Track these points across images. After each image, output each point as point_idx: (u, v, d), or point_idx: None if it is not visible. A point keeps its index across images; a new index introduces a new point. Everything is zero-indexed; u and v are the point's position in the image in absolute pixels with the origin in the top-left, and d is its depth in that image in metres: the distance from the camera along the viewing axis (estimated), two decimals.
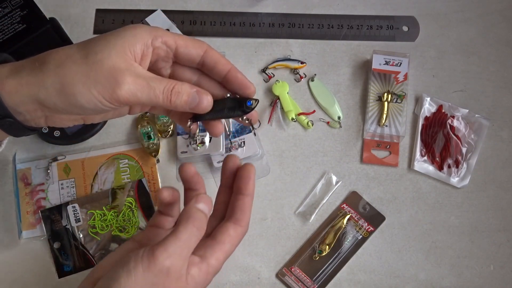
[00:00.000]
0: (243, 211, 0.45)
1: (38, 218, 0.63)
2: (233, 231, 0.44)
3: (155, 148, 0.65)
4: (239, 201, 0.45)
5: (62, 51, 0.42)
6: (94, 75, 0.40)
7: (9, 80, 0.41)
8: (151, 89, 0.41)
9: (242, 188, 0.45)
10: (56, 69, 0.41)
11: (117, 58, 0.41)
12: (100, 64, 0.40)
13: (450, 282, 0.62)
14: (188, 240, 0.40)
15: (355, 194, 0.65)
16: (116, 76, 0.40)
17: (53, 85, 0.41)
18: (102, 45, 0.41)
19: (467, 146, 0.66)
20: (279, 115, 0.67)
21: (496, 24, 0.72)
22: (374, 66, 0.67)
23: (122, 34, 0.41)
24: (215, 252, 0.43)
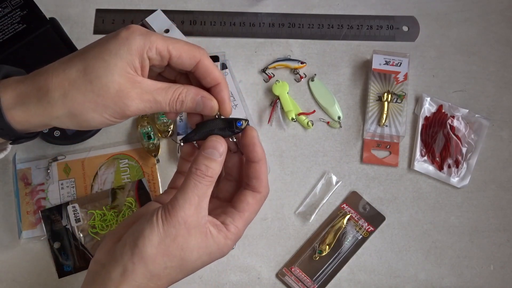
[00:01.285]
0: (258, 178, 0.45)
1: (38, 218, 0.63)
2: (251, 198, 0.45)
3: (155, 148, 0.65)
4: (251, 169, 0.45)
5: (62, 75, 0.42)
6: (102, 101, 0.42)
7: (18, 112, 0.43)
8: (157, 103, 0.43)
9: (251, 156, 0.45)
10: (64, 100, 0.42)
11: (121, 80, 0.42)
12: (106, 90, 0.41)
13: (450, 282, 0.62)
14: (194, 188, 0.41)
15: (355, 194, 0.65)
16: (123, 99, 0.42)
17: (64, 115, 0.42)
18: (103, 68, 0.41)
19: (467, 146, 0.66)
20: (279, 115, 0.67)
21: (496, 24, 0.72)
22: (374, 66, 0.67)
23: (119, 52, 0.42)
24: (235, 220, 0.44)
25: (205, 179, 0.41)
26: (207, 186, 0.41)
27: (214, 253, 0.42)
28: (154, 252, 0.39)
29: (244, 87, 0.69)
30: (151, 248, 0.39)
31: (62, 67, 0.42)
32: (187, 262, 0.41)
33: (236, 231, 0.43)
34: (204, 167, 0.42)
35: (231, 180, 0.48)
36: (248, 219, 0.45)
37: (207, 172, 0.41)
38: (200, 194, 0.41)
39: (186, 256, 0.41)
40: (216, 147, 0.42)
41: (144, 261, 0.39)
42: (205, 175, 0.41)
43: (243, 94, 0.68)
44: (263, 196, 0.45)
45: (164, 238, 0.40)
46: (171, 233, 0.40)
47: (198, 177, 0.41)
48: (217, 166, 0.42)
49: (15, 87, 0.43)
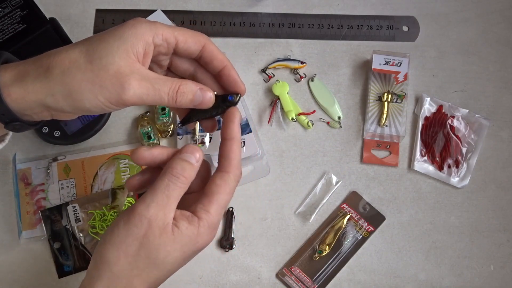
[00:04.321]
0: (226, 157, 0.43)
1: (38, 218, 0.63)
2: (219, 179, 0.43)
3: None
4: (222, 148, 0.44)
5: (65, 55, 0.42)
6: (100, 82, 0.41)
7: (15, 88, 0.42)
8: (156, 91, 0.42)
9: (224, 132, 0.44)
10: (62, 77, 0.41)
11: (121, 62, 0.41)
12: (105, 70, 0.41)
13: (450, 282, 0.62)
14: (166, 188, 0.40)
15: (355, 194, 0.65)
16: (121, 81, 0.41)
17: (60, 92, 0.41)
18: (106, 49, 0.41)
19: (467, 146, 0.66)
20: (279, 115, 0.67)
21: (496, 24, 0.72)
22: (374, 66, 0.67)
23: (124, 36, 0.42)
24: (205, 205, 0.42)
25: (179, 179, 0.41)
26: (179, 188, 0.41)
27: (188, 246, 0.41)
28: (115, 254, 0.39)
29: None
30: (112, 251, 0.39)
31: (65, 49, 0.42)
32: (157, 261, 0.40)
33: (207, 217, 0.41)
34: (179, 168, 0.41)
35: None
36: (219, 202, 0.42)
37: (182, 173, 0.41)
38: (170, 195, 0.40)
39: (152, 255, 0.40)
40: (193, 152, 0.42)
41: (107, 265, 0.39)
42: (179, 175, 0.41)
43: None
44: (232, 177, 0.43)
45: (125, 238, 0.39)
46: (133, 232, 0.39)
47: (173, 177, 0.41)
48: (192, 171, 0.42)
49: (15, 67, 0.43)
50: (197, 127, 0.64)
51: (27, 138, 0.66)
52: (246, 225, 0.64)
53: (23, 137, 0.66)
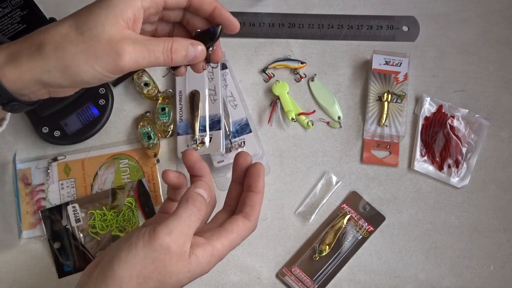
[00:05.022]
0: (252, 207, 0.47)
1: (38, 218, 0.63)
2: (241, 222, 0.46)
3: (155, 148, 0.65)
4: (249, 198, 0.47)
5: (54, 30, 0.42)
6: (94, 52, 0.41)
7: (9, 68, 0.41)
8: (151, 52, 0.42)
9: (252, 185, 0.47)
10: (56, 52, 0.41)
11: (111, 30, 0.41)
12: (97, 40, 0.41)
13: (450, 282, 0.62)
14: (188, 218, 0.42)
15: (355, 194, 0.65)
16: (115, 48, 0.41)
17: (55, 68, 0.41)
18: (95, 19, 0.41)
19: (467, 146, 0.66)
20: (279, 115, 0.67)
21: (496, 24, 0.72)
22: (374, 66, 0.67)
23: (111, 4, 0.41)
24: (222, 237, 0.44)
25: (200, 213, 0.43)
26: (199, 220, 0.43)
27: (196, 272, 0.43)
28: (129, 273, 0.39)
29: (244, 87, 0.69)
30: (126, 269, 0.39)
31: (54, 25, 0.42)
32: (166, 285, 0.41)
33: (221, 249, 0.44)
34: (199, 202, 0.43)
35: (228, 210, 0.50)
36: (234, 241, 0.45)
37: (201, 207, 0.43)
38: (191, 226, 0.42)
39: (164, 279, 0.41)
40: (206, 189, 0.45)
41: (118, 282, 0.39)
42: (200, 209, 0.43)
43: (243, 94, 0.68)
44: (251, 225, 0.47)
45: (143, 260, 0.40)
46: (151, 256, 0.40)
47: (194, 208, 0.42)
48: (205, 206, 0.44)
49: (7, 48, 0.43)
50: (197, 127, 0.64)
51: (27, 138, 0.66)
52: None
53: (23, 137, 0.66)
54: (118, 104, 0.67)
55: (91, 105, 0.65)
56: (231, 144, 0.65)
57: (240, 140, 0.65)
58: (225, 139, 0.64)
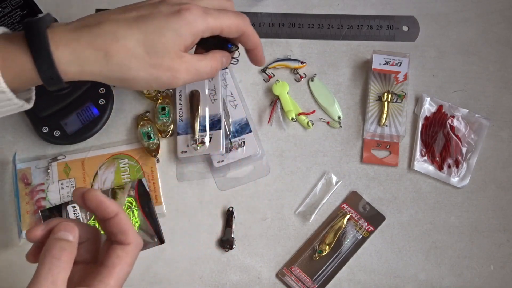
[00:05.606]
0: (121, 232, 0.42)
1: (38, 218, 0.63)
2: (120, 251, 0.42)
3: (155, 148, 0.65)
4: (111, 225, 0.42)
5: (122, 42, 0.45)
6: (156, 74, 0.47)
7: (72, 68, 0.45)
8: (200, 75, 0.50)
9: (103, 215, 0.43)
10: (121, 67, 0.46)
11: (175, 59, 0.47)
12: (161, 65, 0.47)
13: (450, 282, 0.62)
14: (48, 274, 0.38)
15: (355, 194, 0.65)
16: (174, 74, 0.47)
17: (116, 78, 0.47)
18: (162, 44, 0.46)
19: (467, 146, 0.66)
20: (279, 115, 0.67)
21: (496, 24, 0.72)
22: (374, 66, 0.67)
23: (180, 31, 0.46)
24: (105, 278, 0.40)
25: (61, 260, 0.38)
26: (63, 269, 0.38)
27: None
28: None
29: (244, 87, 0.69)
30: None
31: (121, 32, 0.45)
32: None
33: None
34: (58, 249, 0.39)
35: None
36: (120, 274, 0.41)
37: (62, 253, 0.39)
38: (56, 280, 0.37)
39: None
40: (68, 229, 0.40)
41: None
42: (60, 256, 0.38)
43: (243, 94, 0.68)
44: (133, 247, 0.42)
45: None
46: None
47: (53, 259, 0.38)
48: (72, 248, 0.40)
49: (67, 44, 0.44)
50: (197, 127, 0.64)
51: (27, 138, 0.66)
52: (246, 225, 0.64)
53: (23, 136, 0.66)
54: (118, 104, 0.67)
55: (91, 105, 0.65)
56: (231, 144, 0.65)
57: (240, 140, 0.65)
58: (225, 139, 0.64)
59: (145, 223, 0.63)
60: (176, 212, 0.64)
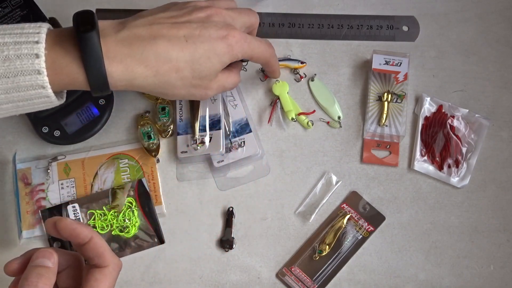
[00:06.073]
0: (97, 256, 0.42)
1: (38, 218, 0.63)
2: (99, 274, 0.42)
3: (155, 148, 0.65)
4: (87, 249, 0.42)
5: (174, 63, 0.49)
6: (193, 91, 0.52)
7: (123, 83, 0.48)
8: (225, 89, 0.56)
9: (79, 241, 0.42)
10: (168, 84, 0.50)
11: (213, 80, 0.53)
12: (200, 84, 0.52)
13: (450, 282, 0.62)
14: None
15: (355, 194, 0.65)
16: (207, 90, 0.53)
17: (159, 92, 0.51)
18: (207, 69, 0.51)
19: (467, 146, 0.66)
20: (279, 115, 0.67)
21: (496, 24, 0.72)
22: (374, 66, 0.67)
23: (223, 58, 0.51)
24: None
25: (38, 287, 0.38)
26: None
27: None
28: None
29: (244, 87, 0.69)
30: None
31: (174, 54, 0.49)
32: None
33: None
34: (35, 276, 0.39)
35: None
36: None
37: (39, 279, 0.39)
38: None
39: None
40: (46, 255, 0.40)
41: None
42: (37, 283, 0.38)
43: (243, 94, 0.68)
44: (111, 268, 0.42)
45: None
46: None
47: (30, 286, 0.38)
48: (51, 273, 0.40)
49: (121, 59, 0.47)
50: (197, 127, 0.64)
51: (27, 138, 0.66)
52: (246, 225, 0.64)
53: (23, 137, 0.66)
54: (118, 104, 0.67)
55: (91, 105, 0.65)
56: (231, 144, 0.65)
57: (240, 140, 0.65)
58: (225, 139, 0.64)
59: (145, 223, 0.63)
60: (176, 212, 0.64)
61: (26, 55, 0.43)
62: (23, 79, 0.43)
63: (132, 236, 0.63)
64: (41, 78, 0.44)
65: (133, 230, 0.63)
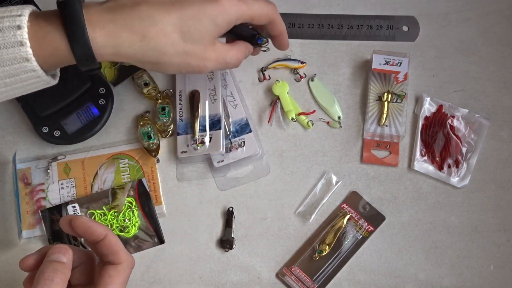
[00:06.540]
0: (112, 253, 0.43)
1: (38, 218, 0.63)
2: (112, 271, 0.43)
3: (155, 148, 0.65)
4: (101, 246, 0.44)
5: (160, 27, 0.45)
6: (188, 61, 0.48)
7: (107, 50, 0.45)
8: (226, 65, 0.52)
9: (94, 238, 0.44)
10: (157, 52, 0.46)
11: (207, 45, 0.48)
12: (194, 51, 0.48)
13: (450, 282, 0.62)
14: None
15: (355, 194, 0.65)
16: (205, 61, 0.49)
17: (149, 62, 0.48)
18: (198, 31, 0.47)
19: (467, 146, 0.66)
20: (279, 115, 0.67)
21: (496, 24, 0.72)
22: (374, 66, 0.67)
23: (217, 20, 0.47)
24: None
25: (54, 282, 0.40)
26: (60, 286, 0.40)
27: None
28: None
29: (244, 87, 0.69)
30: None
31: (158, 17, 0.45)
32: None
33: None
34: (51, 271, 0.40)
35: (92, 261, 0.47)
36: None
37: (55, 274, 0.40)
38: None
39: None
40: (61, 251, 0.42)
41: None
42: (53, 277, 0.40)
43: (243, 94, 0.68)
44: (125, 266, 0.44)
45: None
46: None
47: (46, 281, 0.39)
48: (66, 269, 0.41)
49: (104, 24, 0.44)
50: (197, 127, 0.64)
51: (27, 138, 0.66)
52: (246, 225, 0.64)
53: (23, 137, 0.66)
54: (118, 104, 0.67)
55: (91, 105, 0.65)
56: (231, 144, 0.65)
57: (240, 140, 0.65)
58: (225, 139, 0.64)
59: (145, 223, 0.63)
60: (176, 212, 0.64)
61: (8, 27, 0.42)
62: (6, 52, 0.42)
63: (132, 236, 0.63)
64: (24, 50, 0.42)
65: (133, 230, 0.63)
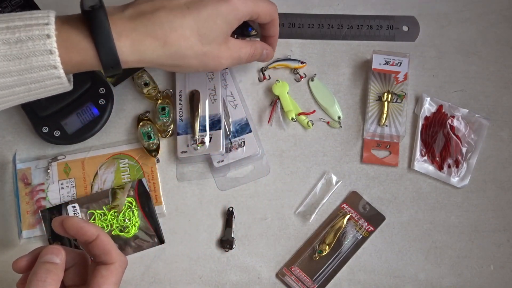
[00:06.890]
0: (104, 253, 0.44)
1: (38, 218, 0.63)
2: (105, 271, 0.43)
3: (155, 148, 0.65)
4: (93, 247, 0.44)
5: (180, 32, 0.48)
6: (205, 61, 0.51)
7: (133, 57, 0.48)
8: (240, 59, 0.55)
9: (86, 239, 0.44)
10: (178, 55, 0.49)
11: (222, 48, 0.52)
12: (210, 52, 0.51)
13: (450, 282, 0.62)
14: None
15: (355, 194, 0.65)
16: (220, 59, 0.52)
17: (170, 64, 0.51)
18: (214, 32, 0.50)
19: (467, 146, 0.66)
20: (279, 115, 0.67)
21: (496, 24, 0.72)
22: (374, 66, 0.67)
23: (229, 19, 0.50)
24: None
25: (47, 282, 0.40)
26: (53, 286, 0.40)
27: None
28: None
29: (244, 87, 0.69)
30: None
31: (177, 22, 0.48)
32: None
33: None
34: (43, 272, 0.40)
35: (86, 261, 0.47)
36: None
37: (48, 275, 0.40)
38: None
39: None
40: (54, 252, 0.42)
41: None
42: (46, 278, 0.40)
43: (243, 94, 0.68)
44: (117, 265, 0.44)
45: None
46: None
47: (39, 282, 0.40)
48: (58, 270, 0.41)
49: (128, 34, 0.47)
50: (197, 127, 0.64)
51: (27, 138, 0.66)
52: (246, 225, 0.64)
53: (23, 137, 0.66)
54: (118, 104, 0.67)
55: (91, 105, 0.65)
56: (231, 144, 0.65)
57: (240, 140, 0.65)
58: (225, 139, 0.64)
59: (145, 223, 0.63)
60: (176, 212, 0.64)
61: (38, 36, 0.44)
62: (36, 59, 0.44)
63: (132, 236, 0.63)
64: (53, 58, 0.44)
65: (133, 230, 0.63)
